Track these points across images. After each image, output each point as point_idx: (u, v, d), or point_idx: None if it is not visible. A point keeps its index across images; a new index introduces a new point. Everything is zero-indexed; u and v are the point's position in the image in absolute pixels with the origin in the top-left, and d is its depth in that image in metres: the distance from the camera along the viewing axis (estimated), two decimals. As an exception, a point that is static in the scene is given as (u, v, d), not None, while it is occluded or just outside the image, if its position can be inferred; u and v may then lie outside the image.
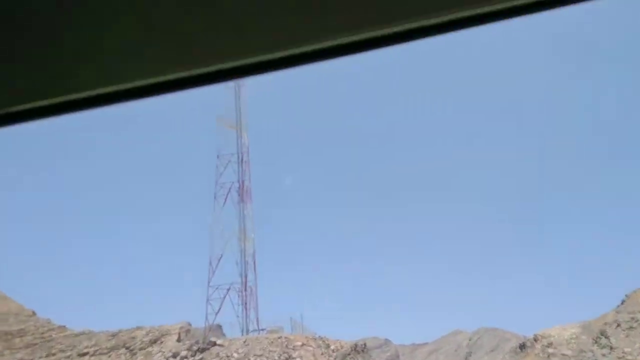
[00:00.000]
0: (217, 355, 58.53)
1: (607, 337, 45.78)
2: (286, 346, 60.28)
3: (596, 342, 49.52)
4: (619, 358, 39.96)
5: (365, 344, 71.46)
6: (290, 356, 58.50)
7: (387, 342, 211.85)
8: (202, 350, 59.62)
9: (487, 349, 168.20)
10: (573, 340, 56.32)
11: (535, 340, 70.08)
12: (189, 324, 66.39)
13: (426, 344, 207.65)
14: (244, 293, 68.05)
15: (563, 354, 52.78)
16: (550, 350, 56.38)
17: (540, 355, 57.90)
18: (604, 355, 43.37)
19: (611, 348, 43.28)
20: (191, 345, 60.15)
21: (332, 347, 65.31)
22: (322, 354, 62.40)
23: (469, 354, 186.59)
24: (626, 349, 40.45)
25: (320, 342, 65.51)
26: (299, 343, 61.99)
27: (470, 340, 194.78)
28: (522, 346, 77.20)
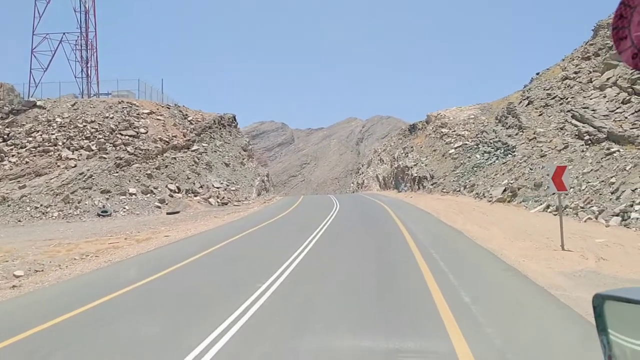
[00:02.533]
0: (36, 119, 44.04)
1: (515, 116, 36.56)
2: (128, 113, 46.74)
3: (500, 121, 40.73)
4: (530, 139, 30.89)
5: (234, 117, 59.62)
6: (131, 124, 45.32)
7: (283, 125, 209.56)
8: (17, 112, 44.91)
9: (379, 135, 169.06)
10: (471, 121, 47.99)
11: (427, 122, 62.81)
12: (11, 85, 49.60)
13: (321, 129, 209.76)
14: (82, 47, 53.00)
15: (459, 135, 44.44)
16: (443, 130, 47.92)
17: (432, 136, 49.69)
18: (509, 136, 34.50)
19: (520, 128, 34.28)
20: (2, 106, 45.04)
21: (191, 117, 52.99)
22: (175, 124, 49.88)
23: (360, 139, 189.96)
24: (539, 129, 31.22)
25: (176, 110, 52.57)
26: (147, 111, 48.74)
27: (363, 127, 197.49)
28: (412, 128, 70.74)
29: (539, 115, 37.00)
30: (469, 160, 37.50)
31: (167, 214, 35.29)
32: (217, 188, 43.64)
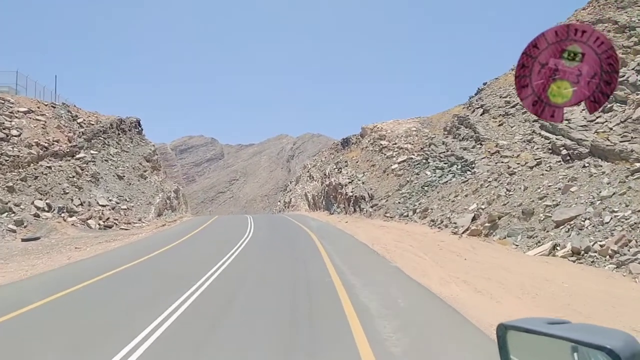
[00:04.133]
0: None
1: (469, 127, 30.38)
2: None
3: (450, 133, 34.54)
4: (492, 153, 24.62)
5: (138, 122, 50.14)
6: (2, 125, 35.48)
7: (213, 140, 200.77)
8: None
9: (310, 153, 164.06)
10: (414, 133, 41.62)
11: (362, 135, 56.13)
12: None
13: (252, 145, 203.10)
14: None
15: (401, 148, 37.73)
16: (382, 142, 41.15)
17: (370, 149, 42.78)
18: (465, 149, 28.17)
19: (477, 140, 28.08)
20: None
21: (81, 119, 43.08)
22: (59, 127, 40.00)
23: (291, 157, 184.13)
24: (501, 142, 25.06)
25: (63, 110, 42.54)
26: (24, 109, 38.65)
27: (294, 144, 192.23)
28: (346, 142, 63.87)
29: (499, 125, 30.93)
30: (417, 178, 30.65)
31: (22, 240, 25.71)
32: (102, 207, 34.16)
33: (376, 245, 17.91)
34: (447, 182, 27.49)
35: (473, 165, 28.73)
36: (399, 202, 29.13)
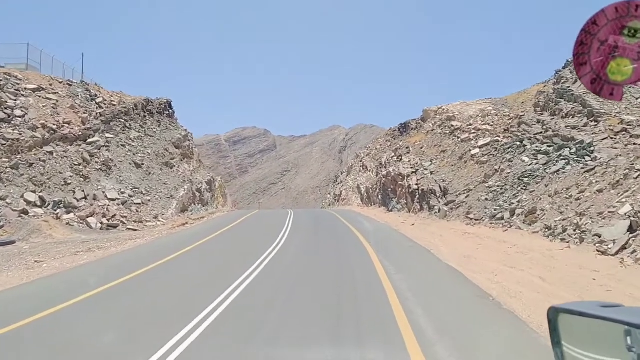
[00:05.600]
0: None
1: (575, 100, 22.22)
2: (0, 88, 31.66)
3: (545, 109, 26.36)
4: (616, 132, 16.45)
5: (169, 103, 44.27)
6: (2, 103, 30.43)
7: (266, 132, 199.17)
8: None
9: (363, 144, 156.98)
10: (493, 112, 33.34)
11: (424, 119, 47.94)
12: None
13: (304, 136, 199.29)
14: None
15: (479, 129, 29.61)
16: (454, 124, 33.07)
17: (438, 132, 34.81)
18: (574, 127, 20.31)
19: (591, 115, 20.11)
20: None
21: (100, 99, 37.50)
22: (73, 107, 34.70)
23: (343, 148, 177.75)
24: (626, 117, 16.72)
25: (80, 89, 37.21)
26: (33, 86, 33.53)
27: (347, 135, 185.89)
28: (404, 128, 55.66)
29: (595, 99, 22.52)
30: (510, 166, 22.55)
31: (-5, 243, 20.03)
32: (111, 201, 28.13)
33: (477, 275, 10.40)
34: (558, 171, 19.35)
35: (591, 148, 20.48)
36: (487, 199, 21.20)
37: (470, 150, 27.17)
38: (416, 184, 28.94)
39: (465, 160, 26.74)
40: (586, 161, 19.39)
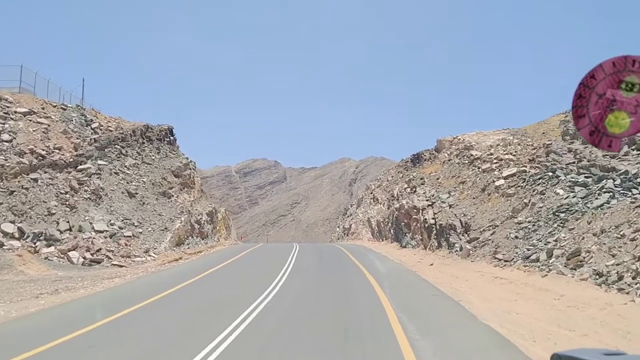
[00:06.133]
0: None
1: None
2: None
3: (575, 136, 23.77)
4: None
5: (170, 130, 42.34)
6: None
7: (276, 163, 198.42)
8: None
9: (373, 176, 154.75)
10: (516, 142, 30.84)
11: (438, 150, 45.43)
12: None
13: (314, 168, 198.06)
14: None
15: (502, 159, 27.06)
16: (474, 153, 30.52)
17: (455, 162, 32.24)
18: (613, 157, 17.55)
19: (633, 144, 17.21)
20: None
21: (96, 125, 35.58)
22: (66, 132, 32.72)
23: (354, 180, 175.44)
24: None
25: (74, 114, 35.39)
26: (24, 110, 31.67)
27: (357, 168, 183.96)
28: (417, 158, 53.06)
29: None
30: (543, 199, 19.79)
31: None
32: (99, 232, 25.68)
33: (530, 344, 7.69)
34: (602, 205, 16.61)
35: (638, 180, 17.79)
36: (517, 237, 18.40)
37: (494, 182, 24.50)
38: (433, 218, 26.20)
39: (489, 193, 24.03)
40: (634, 194, 16.68)
